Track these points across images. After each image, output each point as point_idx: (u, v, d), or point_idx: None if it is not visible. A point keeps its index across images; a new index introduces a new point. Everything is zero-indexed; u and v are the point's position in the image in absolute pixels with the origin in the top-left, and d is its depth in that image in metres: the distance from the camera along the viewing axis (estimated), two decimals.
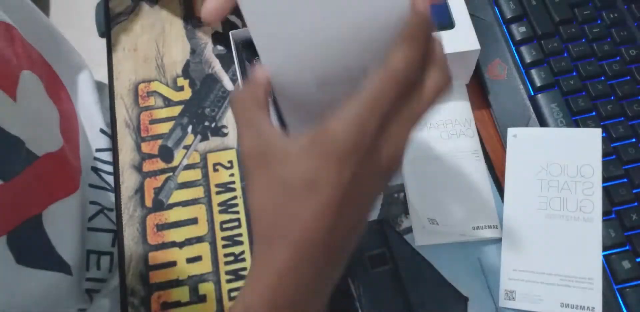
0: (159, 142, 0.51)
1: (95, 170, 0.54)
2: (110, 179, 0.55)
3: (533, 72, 0.50)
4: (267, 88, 0.30)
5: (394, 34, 0.25)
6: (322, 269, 0.30)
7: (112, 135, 0.52)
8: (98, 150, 0.55)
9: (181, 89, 0.54)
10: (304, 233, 0.29)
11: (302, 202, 0.29)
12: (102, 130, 0.56)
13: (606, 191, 0.45)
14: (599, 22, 0.52)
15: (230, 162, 0.50)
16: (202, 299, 0.45)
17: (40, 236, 0.45)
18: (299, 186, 0.29)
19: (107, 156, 0.56)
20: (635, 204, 0.45)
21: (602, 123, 0.48)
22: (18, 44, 0.45)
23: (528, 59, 0.51)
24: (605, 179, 0.46)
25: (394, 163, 0.29)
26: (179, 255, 0.47)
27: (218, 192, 0.49)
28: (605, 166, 0.46)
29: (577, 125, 0.48)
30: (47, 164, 0.45)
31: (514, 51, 0.52)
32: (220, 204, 0.49)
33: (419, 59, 0.27)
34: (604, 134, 0.47)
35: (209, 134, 0.51)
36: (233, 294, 0.46)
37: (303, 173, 0.29)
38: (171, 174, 0.50)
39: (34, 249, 0.44)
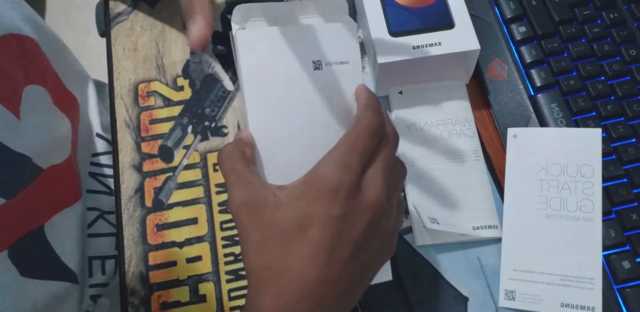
0: (159, 142, 0.51)
1: (93, 175, 0.54)
2: (109, 182, 0.55)
3: (533, 72, 0.50)
4: (252, 146, 0.34)
5: (346, 114, 0.36)
6: (321, 305, 0.31)
7: (112, 136, 0.52)
8: (95, 154, 0.55)
9: (181, 89, 0.54)
10: (297, 270, 0.30)
11: (294, 242, 0.31)
12: (98, 135, 0.56)
13: (606, 191, 0.45)
14: (599, 22, 0.52)
15: None
16: (202, 299, 0.45)
17: (43, 247, 0.44)
18: (291, 227, 0.31)
19: (106, 160, 0.55)
20: (635, 204, 0.45)
21: (602, 123, 0.48)
22: (29, 56, 0.44)
23: (528, 59, 0.51)
24: (605, 179, 0.46)
25: (377, 204, 0.32)
26: (179, 255, 0.47)
27: (218, 192, 0.49)
28: (605, 166, 0.46)
29: (577, 125, 0.48)
30: (52, 176, 0.45)
31: (514, 51, 0.52)
32: (220, 204, 0.49)
33: (379, 119, 0.34)
34: (604, 134, 0.47)
35: (209, 134, 0.51)
36: (233, 294, 0.46)
37: (295, 215, 0.31)
38: (171, 174, 0.50)
39: (38, 261, 0.44)
